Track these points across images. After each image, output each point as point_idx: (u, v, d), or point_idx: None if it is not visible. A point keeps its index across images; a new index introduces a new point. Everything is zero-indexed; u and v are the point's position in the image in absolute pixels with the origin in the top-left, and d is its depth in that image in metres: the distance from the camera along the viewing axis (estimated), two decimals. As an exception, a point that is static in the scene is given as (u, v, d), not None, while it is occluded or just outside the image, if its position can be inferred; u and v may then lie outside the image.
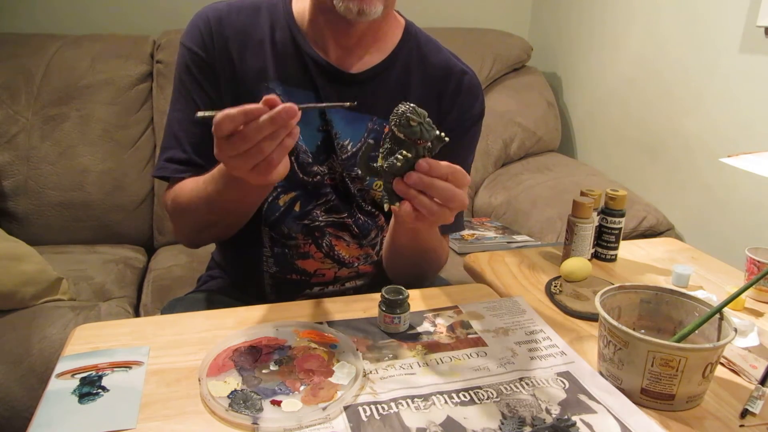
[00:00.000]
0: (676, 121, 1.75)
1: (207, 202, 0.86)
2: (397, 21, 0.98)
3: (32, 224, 1.69)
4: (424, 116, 0.68)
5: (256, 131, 0.65)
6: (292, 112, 0.65)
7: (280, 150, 0.68)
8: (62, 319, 1.29)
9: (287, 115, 0.65)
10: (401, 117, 0.68)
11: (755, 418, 0.70)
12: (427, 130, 0.68)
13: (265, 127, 0.65)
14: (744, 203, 1.54)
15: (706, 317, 0.73)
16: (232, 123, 0.65)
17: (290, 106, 0.65)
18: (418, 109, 0.68)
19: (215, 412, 0.65)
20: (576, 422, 0.66)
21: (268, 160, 0.68)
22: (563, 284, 1.00)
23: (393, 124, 0.69)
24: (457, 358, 0.77)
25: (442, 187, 0.69)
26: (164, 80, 1.82)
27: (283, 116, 0.65)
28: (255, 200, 0.89)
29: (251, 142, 0.66)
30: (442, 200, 0.70)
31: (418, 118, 0.68)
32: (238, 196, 0.84)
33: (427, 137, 0.68)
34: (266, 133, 0.65)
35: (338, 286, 1.04)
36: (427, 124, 0.69)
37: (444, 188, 0.69)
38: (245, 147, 0.66)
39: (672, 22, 1.75)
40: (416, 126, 0.68)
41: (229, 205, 0.87)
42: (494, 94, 2.14)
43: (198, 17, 0.93)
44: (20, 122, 1.69)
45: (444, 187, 0.69)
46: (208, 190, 0.84)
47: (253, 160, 0.67)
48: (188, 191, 0.89)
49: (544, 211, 1.75)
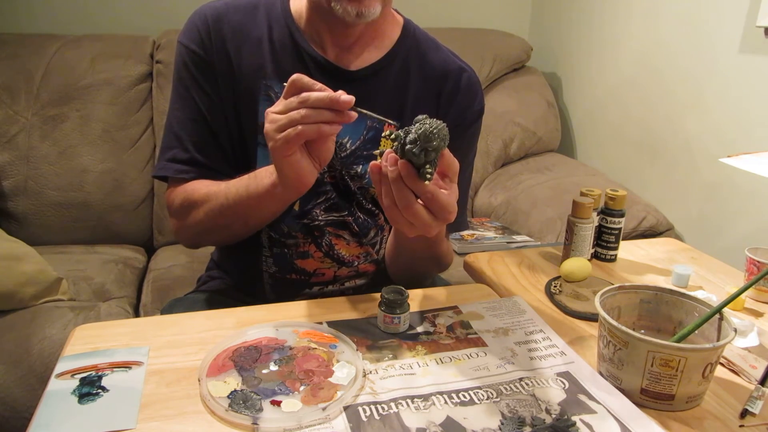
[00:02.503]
0: (676, 121, 1.75)
1: (223, 205, 0.87)
2: (395, 19, 0.98)
3: (32, 224, 1.69)
4: (437, 149, 0.67)
5: (312, 99, 0.71)
6: (349, 102, 0.71)
7: (314, 129, 0.72)
8: (62, 319, 1.29)
9: (344, 102, 0.71)
10: (423, 136, 0.66)
11: (755, 418, 0.70)
12: (431, 155, 0.67)
13: (322, 100, 0.71)
14: (744, 203, 1.54)
15: (706, 317, 0.73)
16: (302, 85, 0.72)
17: (350, 97, 0.71)
18: (441, 135, 0.66)
19: (215, 412, 0.65)
20: (576, 422, 0.66)
21: (298, 131, 0.71)
22: (563, 284, 1.00)
23: (406, 133, 0.67)
24: (457, 358, 0.77)
25: (417, 211, 0.70)
26: (164, 80, 1.82)
27: (340, 101, 0.71)
28: (269, 213, 0.90)
29: (302, 104, 0.71)
30: (418, 225, 0.71)
31: (438, 143, 0.66)
32: (256, 204, 0.85)
33: (416, 162, 0.67)
34: (319, 104, 0.71)
35: (338, 286, 1.04)
36: (433, 153, 0.67)
37: (420, 214, 0.70)
38: (294, 107, 0.71)
39: (672, 22, 1.75)
40: (420, 152, 0.66)
41: (244, 212, 0.87)
42: (494, 94, 2.14)
43: (196, 16, 0.93)
44: (20, 122, 1.69)
45: (420, 213, 0.70)
46: (229, 192, 0.86)
47: (291, 122, 0.71)
48: (203, 191, 0.90)
49: (544, 211, 1.75)
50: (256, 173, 0.84)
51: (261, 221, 0.92)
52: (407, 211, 0.70)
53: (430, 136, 0.66)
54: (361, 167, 0.95)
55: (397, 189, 0.69)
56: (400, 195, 0.69)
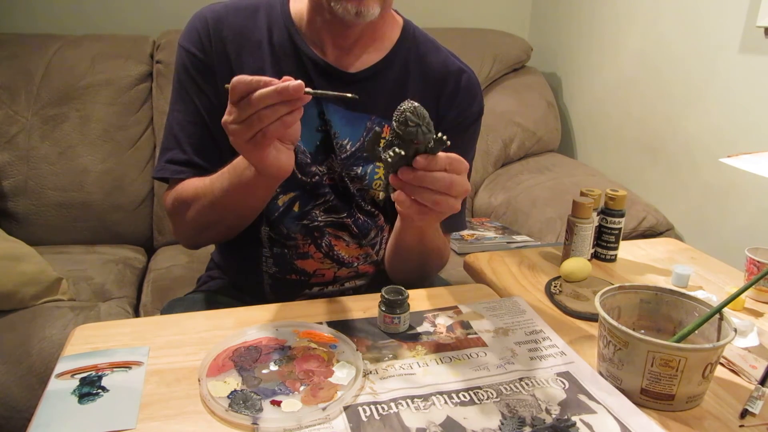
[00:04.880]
0: (676, 121, 1.75)
1: (211, 200, 0.86)
2: (395, 20, 0.98)
3: (32, 224, 1.69)
4: (424, 118, 0.68)
5: (261, 99, 0.68)
6: (299, 88, 0.68)
7: (278, 125, 0.70)
8: (62, 319, 1.29)
9: (294, 90, 0.68)
10: (402, 114, 0.68)
11: (755, 418, 0.70)
12: (423, 132, 0.68)
13: (270, 96, 0.68)
14: (744, 203, 1.54)
15: (706, 317, 0.73)
16: (245, 87, 0.68)
17: (298, 83, 0.68)
18: (420, 109, 0.68)
19: (215, 412, 0.65)
20: (576, 422, 0.66)
21: (265, 132, 0.70)
22: (563, 284, 1.00)
23: (394, 120, 0.69)
24: (457, 358, 0.77)
25: (439, 177, 0.70)
26: (164, 80, 1.82)
27: (289, 90, 0.67)
28: (258, 201, 0.89)
29: (254, 108, 0.68)
30: (443, 189, 0.70)
31: (417, 120, 0.68)
32: (242, 196, 0.84)
33: (422, 139, 0.68)
34: (269, 102, 0.68)
35: (338, 286, 1.04)
36: (426, 125, 0.68)
37: (441, 178, 0.70)
38: (248, 112, 0.68)
39: (672, 22, 1.75)
40: (413, 127, 0.67)
41: (233, 204, 0.87)
42: (494, 95, 2.14)
43: (196, 18, 0.93)
44: (20, 122, 1.69)
45: (441, 177, 0.70)
46: (214, 187, 0.85)
47: (252, 129, 0.69)
48: (192, 189, 0.90)
49: (544, 211, 1.75)
50: (234, 165, 0.83)
51: (253, 209, 0.91)
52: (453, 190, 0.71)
53: (406, 115, 0.67)
54: (360, 169, 0.95)
55: (429, 179, 0.70)
56: (438, 182, 0.70)
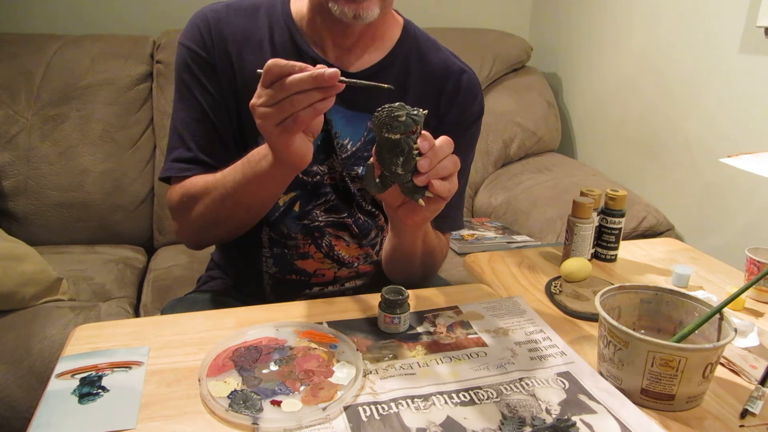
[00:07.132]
0: (676, 121, 1.75)
1: (222, 194, 0.85)
2: (395, 20, 0.98)
3: (32, 224, 1.69)
4: (402, 105, 0.68)
5: (295, 83, 0.68)
6: (335, 76, 0.68)
7: (310, 111, 0.69)
8: (62, 319, 1.29)
9: (329, 77, 0.68)
10: (389, 119, 0.68)
11: (755, 418, 0.70)
12: (412, 115, 0.68)
13: (305, 81, 0.67)
14: (744, 203, 1.54)
15: (706, 317, 0.73)
16: (279, 70, 0.68)
17: (334, 70, 0.68)
18: (393, 104, 0.68)
19: (215, 412, 0.65)
20: (576, 422, 0.66)
21: (296, 117, 0.69)
22: (563, 284, 1.00)
23: (385, 132, 0.68)
24: (457, 359, 0.77)
25: (446, 162, 0.71)
26: (164, 80, 1.82)
27: (324, 77, 0.67)
28: (270, 195, 0.88)
29: (287, 92, 0.68)
30: (450, 173, 0.72)
31: (401, 110, 0.68)
32: (256, 187, 0.83)
33: (419, 121, 0.68)
34: (303, 87, 0.68)
35: (338, 286, 1.04)
36: (408, 110, 0.68)
37: (448, 163, 0.71)
38: (281, 96, 0.68)
39: (672, 22, 1.75)
40: (405, 118, 0.68)
41: (245, 198, 0.86)
42: (494, 95, 2.14)
43: (197, 17, 0.93)
44: (20, 122, 1.69)
45: (448, 163, 0.71)
46: (226, 180, 0.85)
47: (283, 112, 0.69)
48: (201, 184, 0.89)
49: (544, 211, 1.75)
50: (248, 158, 0.82)
51: (264, 205, 0.90)
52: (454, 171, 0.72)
53: (392, 116, 0.68)
54: (361, 168, 0.95)
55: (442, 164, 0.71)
56: (446, 168, 0.71)
